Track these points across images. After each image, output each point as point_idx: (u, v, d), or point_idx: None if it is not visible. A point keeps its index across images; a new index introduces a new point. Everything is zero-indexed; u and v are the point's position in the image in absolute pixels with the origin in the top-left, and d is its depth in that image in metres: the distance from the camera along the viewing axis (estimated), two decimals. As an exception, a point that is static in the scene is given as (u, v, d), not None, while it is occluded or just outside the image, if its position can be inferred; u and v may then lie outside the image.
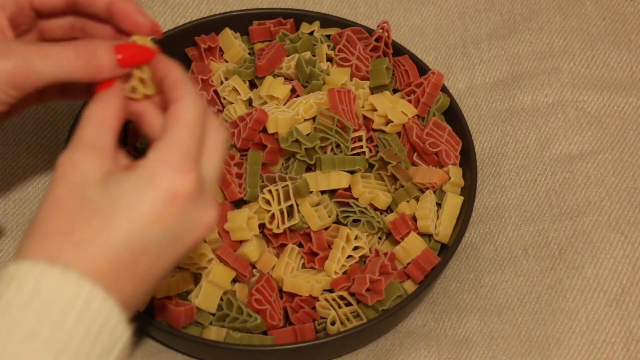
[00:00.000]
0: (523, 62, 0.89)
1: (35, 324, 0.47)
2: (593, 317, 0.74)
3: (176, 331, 0.70)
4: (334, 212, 0.75)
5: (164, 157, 0.51)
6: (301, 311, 0.72)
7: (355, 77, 0.81)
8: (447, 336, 0.74)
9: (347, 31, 0.83)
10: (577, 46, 0.89)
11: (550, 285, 0.76)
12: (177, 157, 0.51)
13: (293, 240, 0.74)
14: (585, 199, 0.80)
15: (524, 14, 0.92)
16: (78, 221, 0.49)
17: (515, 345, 0.73)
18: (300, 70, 0.80)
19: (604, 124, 0.85)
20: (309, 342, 0.70)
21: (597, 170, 0.82)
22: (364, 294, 0.70)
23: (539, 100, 0.87)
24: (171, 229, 0.51)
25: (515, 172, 0.83)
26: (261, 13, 0.86)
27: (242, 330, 0.71)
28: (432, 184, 0.76)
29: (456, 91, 0.88)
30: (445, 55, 0.91)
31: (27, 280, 0.47)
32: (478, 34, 0.92)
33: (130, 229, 0.50)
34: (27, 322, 0.47)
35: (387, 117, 0.78)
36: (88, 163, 0.51)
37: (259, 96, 0.80)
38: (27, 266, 0.48)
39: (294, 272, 0.73)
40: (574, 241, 0.78)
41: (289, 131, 0.74)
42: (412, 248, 0.73)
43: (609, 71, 0.88)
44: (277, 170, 0.77)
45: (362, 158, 0.76)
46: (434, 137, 0.78)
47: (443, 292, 0.77)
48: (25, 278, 0.48)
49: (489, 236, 0.80)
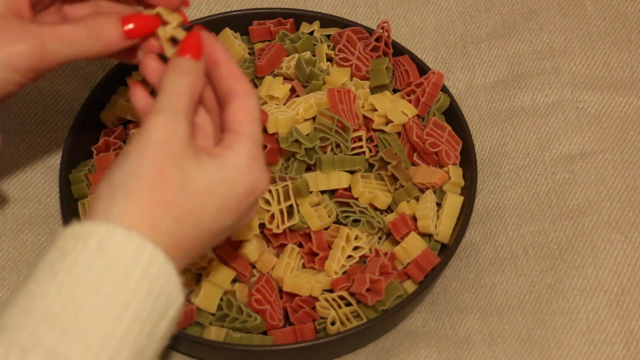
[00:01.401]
0: (523, 62, 0.89)
1: (98, 280, 0.48)
2: (593, 317, 0.74)
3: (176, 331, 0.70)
4: (334, 212, 0.75)
5: (253, 154, 0.56)
6: (301, 311, 0.72)
7: (355, 77, 0.81)
8: (447, 336, 0.74)
9: (347, 31, 0.83)
10: (577, 46, 0.89)
11: (550, 285, 0.76)
12: (260, 154, 0.57)
13: (293, 240, 0.74)
14: (585, 199, 0.80)
15: (524, 14, 0.92)
16: (179, 197, 0.52)
17: (516, 345, 0.73)
18: (300, 70, 0.80)
19: (604, 124, 0.85)
20: (309, 342, 0.70)
21: (597, 170, 0.82)
22: (364, 294, 0.70)
23: (539, 100, 0.87)
24: (239, 217, 0.56)
25: (515, 172, 0.83)
26: (261, 13, 0.86)
27: (242, 330, 0.71)
28: (432, 184, 0.76)
29: (456, 91, 0.88)
30: (445, 55, 0.91)
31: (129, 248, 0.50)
32: (478, 34, 0.92)
33: (217, 215, 0.54)
34: (90, 278, 0.48)
35: (387, 117, 0.78)
36: (187, 136, 0.54)
37: (258, 96, 0.80)
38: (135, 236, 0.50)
39: (294, 272, 0.73)
40: (574, 241, 0.78)
41: (289, 131, 0.74)
42: (412, 248, 0.73)
43: (609, 71, 0.88)
44: (277, 170, 0.77)
45: (362, 158, 0.76)
46: (434, 137, 0.78)
47: (443, 292, 0.77)
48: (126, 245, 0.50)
49: (489, 236, 0.80)
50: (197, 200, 0.53)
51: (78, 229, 0.50)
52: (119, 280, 0.49)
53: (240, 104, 0.57)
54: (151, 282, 0.49)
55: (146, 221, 0.51)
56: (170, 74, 0.56)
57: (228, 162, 0.55)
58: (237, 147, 0.56)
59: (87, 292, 0.48)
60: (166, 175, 0.52)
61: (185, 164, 0.53)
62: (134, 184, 0.51)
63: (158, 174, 0.52)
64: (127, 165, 0.52)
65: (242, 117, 0.57)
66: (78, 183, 0.78)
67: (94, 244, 0.49)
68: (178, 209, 0.52)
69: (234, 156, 0.55)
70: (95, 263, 0.49)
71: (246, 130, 0.57)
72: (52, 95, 0.84)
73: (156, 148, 0.52)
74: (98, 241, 0.49)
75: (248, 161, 0.56)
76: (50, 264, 0.49)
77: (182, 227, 0.52)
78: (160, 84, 0.56)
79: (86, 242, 0.49)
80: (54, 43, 0.57)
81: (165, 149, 0.52)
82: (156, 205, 0.51)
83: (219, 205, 0.54)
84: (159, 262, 0.50)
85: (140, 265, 0.49)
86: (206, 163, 0.54)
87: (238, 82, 0.58)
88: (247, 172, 0.55)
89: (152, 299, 0.49)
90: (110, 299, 0.48)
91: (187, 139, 0.54)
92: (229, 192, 0.54)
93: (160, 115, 0.53)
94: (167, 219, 0.51)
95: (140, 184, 0.51)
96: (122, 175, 0.52)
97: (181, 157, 0.53)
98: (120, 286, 0.48)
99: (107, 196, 0.51)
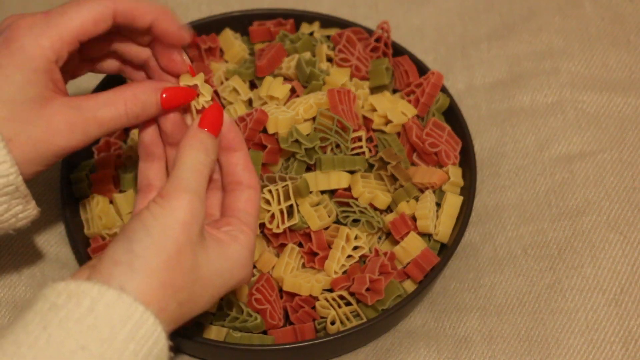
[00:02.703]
0: (522, 62, 0.90)
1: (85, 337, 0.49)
2: (592, 317, 0.74)
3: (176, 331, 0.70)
4: (334, 212, 0.75)
5: (252, 249, 0.59)
6: (301, 311, 0.72)
7: (355, 77, 0.81)
8: (446, 336, 0.74)
9: (347, 31, 0.83)
10: (577, 46, 0.90)
11: (549, 285, 0.76)
12: (254, 248, 0.60)
13: (293, 240, 0.75)
14: (584, 199, 0.80)
15: (524, 15, 0.92)
16: (187, 283, 0.53)
17: (515, 345, 0.73)
18: (300, 71, 0.80)
19: (603, 124, 0.85)
20: (309, 342, 0.70)
21: (596, 170, 0.82)
22: (364, 294, 0.71)
23: (538, 100, 0.87)
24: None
25: (514, 172, 0.83)
26: (261, 13, 0.87)
27: (242, 330, 0.71)
28: (431, 184, 0.76)
29: (456, 91, 0.88)
30: (444, 56, 0.91)
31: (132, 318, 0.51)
32: (477, 34, 0.92)
33: (208, 302, 0.56)
34: (78, 335, 0.49)
35: (386, 117, 0.78)
36: (202, 219, 0.55)
37: (259, 96, 0.80)
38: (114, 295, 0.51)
39: (294, 272, 0.73)
40: (573, 241, 0.78)
41: (289, 131, 0.74)
42: (412, 248, 0.74)
43: (608, 71, 0.88)
44: (277, 170, 0.77)
45: (361, 158, 0.77)
46: (434, 137, 0.78)
47: (443, 291, 0.77)
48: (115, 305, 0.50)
49: (489, 236, 0.80)
50: (199, 288, 0.55)
51: (70, 288, 0.51)
52: (104, 339, 0.49)
53: (252, 197, 0.60)
54: (138, 344, 0.50)
55: (157, 301, 0.52)
56: (194, 150, 0.58)
57: (231, 254, 0.57)
58: (242, 240, 0.58)
59: (74, 349, 0.49)
60: (182, 259, 0.53)
61: (197, 249, 0.54)
62: (156, 261, 0.52)
63: (177, 257, 0.53)
64: (149, 240, 0.53)
65: (250, 210, 0.60)
66: (79, 183, 0.79)
67: (85, 304, 0.50)
68: (184, 293, 0.54)
69: (238, 249, 0.57)
70: (85, 321, 0.49)
71: (252, 223, 0.59)
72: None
73: (179, 230, 0.53)
74: (90, 302, 0.50)
75: (248, 255, 0.58)
76: (41, 316, 0.50)
77: (181, 311, 0.54)
78: (182, 155, 0.57)
79: (79, 302, 0.50)
80: (95, 129, 0.59)
81: (187, 232, 0.54)
82: (169, 287, 0.53)
83: (213, 294, 0.56)
84: (148, 323, 0.51)
85: (129, 325, 0.50)
86: (212, 251, 0.56)
87: (251, 174, 0.61)
88: (244, 266, 0.58)
89: (139, 359, 0.50)
90: (95, 357, 0.49)
91: (203, 222, 0.55)
92: (225, 284, 0.57)
93: (186, 196, 0.54)
94: (174, 302, 0.53)
95: (161, 263, 0.52)
96: (144, 249, 0.52)
97: (196, 241, 0.54)
98: (106, 345, 0.49)
99: (125, 264, 0.52)
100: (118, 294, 0.50)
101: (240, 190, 0.60)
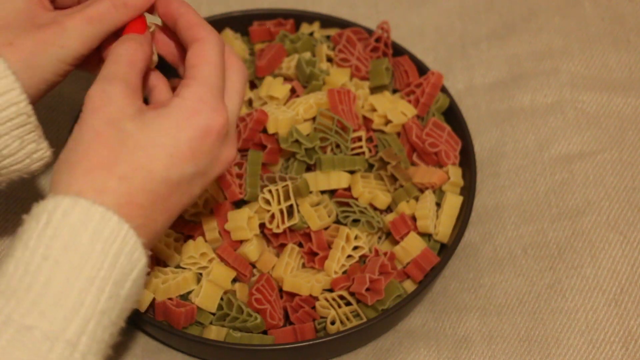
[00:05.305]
0: (522, 62, 0.90)
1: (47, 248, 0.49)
2: (592, 317, 0.74)
3: (176, 331, 0.70)
4: (334, 212, 0.75)
5: (200, 96, 0.54)
6: (301, 311, 0.72)
7: (355, 77, 0.81)
8: (446, 336, 0.74)
9: (347, 32, 0.83)
10: (576, 47, 0.90)
11: (549, 285, 0.76)
12: (211, 95, 0.54)
13: (293, 240, 0.75)
14: (584, 199, 0.80)
15: (523, 15, 0.92)
16: (121, 155, 0.52)
17: (515, 345, 0.73)
18: (300, 71, 0.80)
19: (602, 124, 0.85)
20: (309, 342, 0.70)
21: (596, 170, 0.82)
22: (364, 294, 0.71)
23: (538, 100, 0.87)
24: (202, 163, 0.54)
25: (514, 172, 0.83)
26: (261, 13, 0.87)
27: (242, 330, 0.71)
28: (431, 184, 0.76)
29: (455, 91, 0.88)
30: (444, 56, 0.91)
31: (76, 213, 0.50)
32: (477, 34, 0.92)
33: (169, 164, 0.53)
34: (40, 248, 0.49)
35: (386, 117, 0.78)
36: (123, 99, 0.53)
37: (259, 97, 0.80)
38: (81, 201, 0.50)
39: (294, 272, 0.73)
40: (573, 241, 0.78)
41: (289, 131, 0.75)
42: (412, 248, 0.74)
43: (608, 71, 0.88)
44: (277, 170, 0.77)
45: (361, 158, 0.77)
46: (434, 137, 0.78)
47: (442, 291, 0.77)
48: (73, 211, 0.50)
49: (488, 236, 0.80)
50: (142, 154, 0.52)
51: (33, 210, 0.51)
52: (67, 245, 0.49)
53: (195, 49, 0.57)
54: (104, 243, 0.50)
55: (90, 186, 0.51)
56: (111, 48, 0.57)
57: (171, 110, 0.54)
58: (183, 92, 0.55)
59: (39, 262, 0.49)
60: (103, 138, 0.52)
61: (124, 124, 0.53)
62: (75, 154, 0.52)
63: (94, 139, 0.52)
64: (70, 141, 0.53)
65: (194, 62, 0.56)
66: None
67: (44, 219, 0.50)
68: (122, 166, 0.52)
69: (178, 102, 0.54)
70: (45, 235, 0.49)
71: (196, 74, 0.55)
72: (53, 95, 0.84)
73: (91, 116, 0.52)
74: (47, 215, 0.50)
75: (194, 104, 0.54)
76: (11, 247, 0.50)
77: (131, 184, 0.52)
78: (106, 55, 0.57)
79: (38, 219, 0.50)
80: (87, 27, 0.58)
81: (101, 115, 0.52)
82: (96, 168, 0.51)
83: (168, 153, 0.53)
84: (111, 223, 0.50)
85: (90, 227, 0.49)
86: (149, 117, 0.53)
87: (195, 28, 0.57)
88: (192, 114, 0.54)
89: (109, 259, 0.50)
90: (60, 264, 0.49)
91: (125, 101, 0.53)
92: (176, 139, 0.53)
93: (94, 85, 0.54)
94: (112, 179, 0.51)
95: (80, 152, 0.52)
96: (66, 151, 0.53)
97: (120, 118, 0.53)
98: (70, 251, 0.49)
99: (55, 174, 0.52)
100: (72, 199, 0.50)
101: (190, 50, 0.57)
